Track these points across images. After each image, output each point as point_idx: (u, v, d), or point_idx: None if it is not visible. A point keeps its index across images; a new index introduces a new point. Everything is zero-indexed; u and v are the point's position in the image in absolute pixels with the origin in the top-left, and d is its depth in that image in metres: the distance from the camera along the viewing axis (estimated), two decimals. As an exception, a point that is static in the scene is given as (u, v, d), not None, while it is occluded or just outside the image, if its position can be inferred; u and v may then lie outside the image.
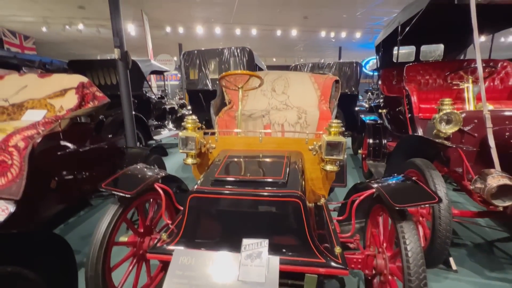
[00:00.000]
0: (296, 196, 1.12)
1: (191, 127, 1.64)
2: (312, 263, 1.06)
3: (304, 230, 1.11)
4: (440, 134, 2.11)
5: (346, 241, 1.71)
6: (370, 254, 1.49)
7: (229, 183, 1.21)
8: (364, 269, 1.50)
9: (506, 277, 2.00)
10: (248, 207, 1.13)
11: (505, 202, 1.51)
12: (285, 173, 1.27)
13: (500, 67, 3.01)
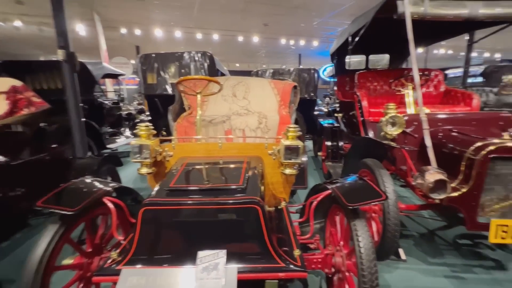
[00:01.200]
0: (255, 202, 1.11)
1: (145, 134, 1.54)
2: (272, 268, 1.05)
3: (263, 236, 1.10)
4: (387, 136, 2.30)
5: (307, 242, 1.76)
6: (329, 253, 1.55)
7: (185, 192, 1.16)
8: (324, 268, 1.56)
9: (445, 261, 2.25)
10: (205, 217, 1.09)
11: (440, 195, 1.70)
12: (244, 179, 1.26)
13: (434, 76, 3.42)
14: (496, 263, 2.21)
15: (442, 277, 2.05)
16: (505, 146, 1.66)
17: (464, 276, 2.06)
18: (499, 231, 1.68)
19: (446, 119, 2.37)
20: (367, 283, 1.15)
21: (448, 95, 3.27)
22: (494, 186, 1.73)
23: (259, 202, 1.12)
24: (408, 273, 2.11)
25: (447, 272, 2.11)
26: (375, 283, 1.16)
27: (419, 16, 2.17)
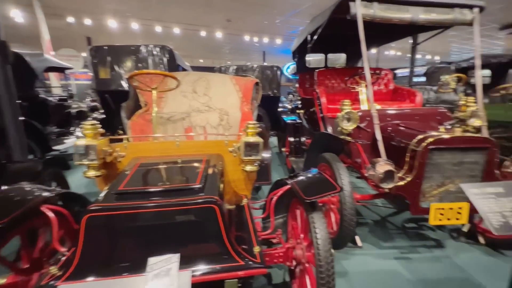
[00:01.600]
0: (212, 201, 1.08)
1: (91, 133, 1.40)
2: (230, 268, 1.04)
3: (221, 235, 1.08)
4: (343, 131, 2.43)
5: (269, 238, 1.78)
6: (290, 246, 1.59)
7: (136, 195, 1.08)
8: (286, 261, 1.59)
9: (395, 244, 2.46)
10: (158, 220, 1.03)
11: (389, 184, 1.85)
12: (202, 178, 1.21)
13: (384, 74, 3.71)
14: (436, 242, 2.48)
15: (392, 259, 2.25)
16: (441, 138, 1.85)
17: (410, 256, 2.28)
18: (437, 214, 1.88)
19: (394, 114, 2.58)
20: (324, 272, 1.20)
21: (396, 92, 3.57)
22: (433, 174, 1.93)
23: (217, 201, 1.09)
24: (363, 258, 2.26)
25: (397, 254, 2.31)
26: (331, 272, 1.21)
27: (369, 17, 2.31)
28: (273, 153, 6.13)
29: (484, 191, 1.52)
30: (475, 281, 1.98)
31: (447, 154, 1.90)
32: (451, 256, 2.27)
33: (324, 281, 1.20)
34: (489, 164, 1.91)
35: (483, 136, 1.87)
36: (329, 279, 1.20)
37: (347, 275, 2.05)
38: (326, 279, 1.20)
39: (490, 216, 1.41)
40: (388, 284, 1.96)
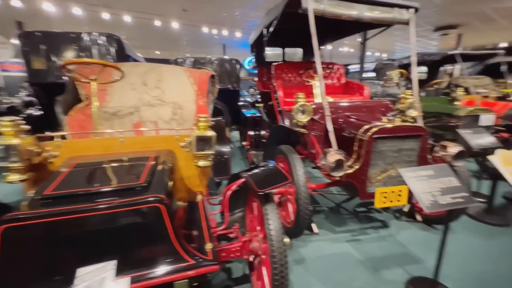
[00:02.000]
0: (157, 200, 1.01)
1: (11, 131, 1.21)
2: (179, 268, 0.99)
3: (168, 236, 1.02)
4: (298, 123, 2.50)
5: (226, 233, 1.76)
6: (247, 240, 1.59)
7: (65, 199, 0.95)
8: (243, 255, 1.58)
9: (348, 228, 2.64)
10: (92, 227, 0.93)
11: (339, 173, 1.96)
12: (147, 177, 1.13)
13: (336, 69, 3.91)
14: (382, 223, 2.73)
15: (345, 242, 2.41)
16: (384, 128, 2.01)
17: (360, 238, 2.47)
18: (381, 198, 2.05)
19: (345, 106, 2.73)
20: (277, 262, 1.22)
21: (348, 86, 3.80)
22: (377, 161, 2.09)
23: (163, 200, 1.02)
24: (319, 244, 2.38)
25: (349, 237, 2.48)
26: (284, 261, 1.24)
27: (320, 13, 2.39)
28: (235, 147, 6.11)
29: (418, 174, 1.69)
30: (412, 254, 2.22)
31: (389, 142, 2.07)
32: (394, 234, 2.51)
33: (277, 270, 1.22)
34: (422, 150, 2.13)
35: (418, 125, 2.07)
36: (282, 268, 1.23)
37: (304, 261, 2.14)
38: (279, 269, 1.22)
39: (422, 196, 1.58)
40: (341, 265, 2.09)
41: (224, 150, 3.10)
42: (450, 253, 2.21)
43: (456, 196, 1.60)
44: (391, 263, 2.12)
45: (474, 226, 2.65)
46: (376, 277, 1.96)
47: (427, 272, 1.98)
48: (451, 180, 1.67)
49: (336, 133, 2.42)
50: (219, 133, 3.30)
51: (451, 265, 2.07)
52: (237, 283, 1.91)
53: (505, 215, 2.82)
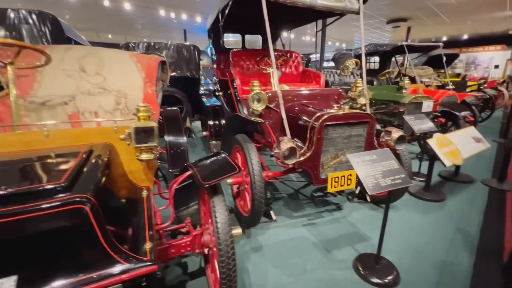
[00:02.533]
0: (81, 201, 0.90)
1: None
2: (108, 274, 0.90)
3: (97, 239, 0.92)
4: (254, 112, 2.46)
5: (177, 228, 1.69)
6: (197, 233, 1.54)
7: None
8: (194, 249, 1.54)
9: (304, 213, 2.74)
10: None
11: (292, 160, 1.99)
12: (71, 175, 1.00)
13: (294, 57, 3.93)
14: (336, 206, 2.88)
15: (301, 226, 2.49)
16: (333, 115, 2.07)
17: (316, 221, 2.58)
18: (333, 182, 2.14)
19: (300, 94, 2.76)
20: (224, 255, 1.20)
21: (305, 74, 3.86)
22: (328, 148, 2.17)
23: (88, 201, 0.91)
24: (277, 230, 2.43)
25: (305, 222, 2.57)
26: (231, 253, 1.22)
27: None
28: (197, 138, 5.93)
29: (363, 159, 1.78)
30: (361, 233, 2.38)
31: (339, 129, 2.15)
32: (346, 216, 2.67)
33: (224, 263, 1.19)
34: (369, 135, 2.26)
35: (365, 113, 2.18)
36: (229, 260, 1.20)
37: (261, 248, 2.17)
38: (226, 261, 1.20)
39: (366, 179, 1.67)
40: (297, 249, 2.16)
41: (181, 141, 2.97)
42: (392, 230, 2.43)
43: (395, 178, 1.72)
44: (342, 243, 2.25)
45: (414, 203, 2.94)
46: (328, 258, 2.07)
47: (373, 249, 2.14)
48: (391, 163, 1.80)
49: (291, 121, 2.45)
50: (175, 124, 3.16)
51: (393, 240, 2.27)
52: (193, 277, 1.86)
53: (440, 192, 3.16)
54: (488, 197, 3.11)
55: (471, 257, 2.08)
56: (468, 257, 2.08)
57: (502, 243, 2.25)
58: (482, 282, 1.82)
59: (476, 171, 3.86)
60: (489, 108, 7.23)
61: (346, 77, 6.17)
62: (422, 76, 7.67)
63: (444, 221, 2.59)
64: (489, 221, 2.58)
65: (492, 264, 2.00)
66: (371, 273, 1.87)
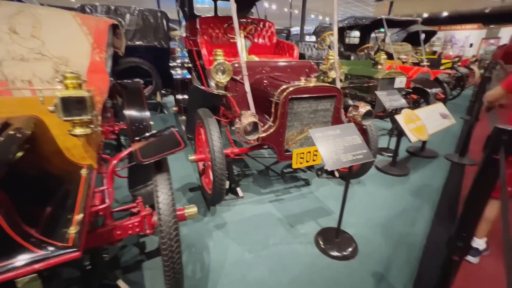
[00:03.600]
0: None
1: None
2: (11, 266, 0.78)
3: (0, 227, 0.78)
4: (219, 84, 2.29)
5: (128, 208, 1.58)
6: (147, 213, 1.43)
7: None
8: (144, 229, 1.44)
9: (273, 189, 2.71)
10: None
11: (254, 136, 1.89)
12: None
13: (268, 27, 3.68)
14: (304, 181, 2.88)
15: (268, 203, 2.47)
16: (298, 88, 1.96)
17: (283, 197, 2.57)
18: (298, 158, 2.09)
19: (268, 66, 2.60)
20: (165, 237, 1.11)
21: (279, 46, 3.65)
22: (294, 122, 2.08)
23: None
24: (243, 207, 2.39)
25: (273, 198, 2.55)
26: (174, 235, 1.13)
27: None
28: (169, 113, 5.65)
29: (326, 134, 1.71)
30: (326, 208, 2.41)
31: (305, 103, 2.05)
32: (314, 191, 2.68)
33: (166, 245, 1.11)
34: (336, 110, 2.19)
35: (332, 86, 2.08)
36: (171, 242, 1.12)
37: (225, 225, 2.13)
38: (168, 243, 1.11)
39: (326, 155, 1.61)
40: (261, 225, 2.15)
41: (143, 116, 2.76)
42: (356, 204, 2.47)
43: (356, 153, 1.68)
44: (306, 218, 2.26)
45: (380, 177, 3.01)
46: (291, 233, 2.08)
47: (336, 223, 2.16)
48: (354, 139, 1.75)
49: (259, 95, 2.31)
50: (136, 97, 2.91)
51: (355, 214, 2.31)
52: (150, 257, 1.80)
53: (405, 167, 3.25)
54: (449, 171, 3.25)
55: (427, 228, 2.17)
56: (424, 228, 2.17)
57: (456, 214, 2.37)
58: (432, 253, 1.91)
59: (442, 146, 4.01)
60: (460, 86, 7.45)
61: (324, 51, 6.00)
62: (400, 53, 7.65)
63: (406, 194, 2.68)
64: (448, 194, 2.70)
65: (444, 235, 2.10)
66: (331, 247, 1.89)
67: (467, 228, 1.08)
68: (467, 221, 1.08)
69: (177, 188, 2.67)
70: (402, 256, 1.87)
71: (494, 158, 0.96)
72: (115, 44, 2.48)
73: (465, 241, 1.08)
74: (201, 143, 2.45)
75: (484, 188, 1.01)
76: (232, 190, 2.58)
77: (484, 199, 1.03)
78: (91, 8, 4.33)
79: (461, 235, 1.10)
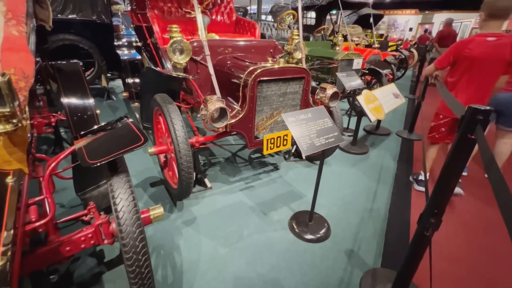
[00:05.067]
0: None
1: None
2: None
3: None
4: (177, 66, 2.03)
5: (77, 217, 1.32)
6: (103, 221, 1.21)
7: None
8: (101, 241, 1.22)
9: (242, 177, 2.62)
10: None
11: (223, 123, 1.73)
12: None
13: (226, 2, 3.39)
14: (273, 166, 2.84)
15: (238, 191, 2.37)
16: (268, 69, 1.83)
17: (253, 184, 2.50)
18: (269, 144, 2.00)
19: (231, 46, 2.40)
20: (129, 250, 0.94)
21: (239, 24, 3.42)
22: (263, 107, 1.97)
23: None
24: (212, 198, 2.26)
25: (243, 186, 2.46)
26: (139, 246, 0.96)
27: None
28: (119, 100, 5.04)
29: (298, 118, 1.64)
30: (297, 191, 2.41)
31: (274, 85, 1.94)
32: (283, 175, 2.66)
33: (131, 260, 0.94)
34: (305, 92, 2.13)
35: (301, 67, 2.00)
36: (138, 256, 0.95)
37: (195, 220, 1.99)
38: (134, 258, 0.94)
39: (301, 140, 1.54)
40: (233, 216, 2.05)
41: (86, 104, 2.36)
42: (323, 184, 2.52)
43: (329, 137, 1.66)
44: (278, 204, 2.23)
45: (343, 157, 3.13)
46: (265, 220, 2.03)
47: (308, 206, 2.19)
48: (325, 122, 1.71)
49: (222, 77, 2.13)
50: (76, 81, 2.46)
51: (324, 195, 2.36)
52: (111, 266, 1.58)
53: (364, 145, 3.44)
54: (400, 146, 3.54)
55: (387, 202, 2.33)
56: (385, 203, 2.33)
57: (410, 187, 2.59)
58: (394, 226, 2.05)
59: (393, 124, 4.34)
60: (403, 68, 8.13)
61: (283, 32, 5.90)
62: (352, 35, 7.97)
63: (367, 171, 2.84)
64: (401, 168, 2.94)
65: (402, 203, 2.29)
66: (305, 230, 1.90)
67: (439, 205, 1.12)
68: (440, 198, 1.12)
69: (137, 184, 2.40)
70: (369, 231, 1.97)
71: (467, 137, 0.98)
72: (39, 15, 2.00)
73: (437, 218, 1.13)
74: (161, 133, 2.20)
75: (457, 166, 1.05)
76: (199, 181, 2.42)
77: (456, 177, 1.07)
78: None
79: (432, 212, 1.15)
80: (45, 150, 2.87)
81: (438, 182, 1.11)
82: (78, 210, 1.96)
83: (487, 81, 1.98)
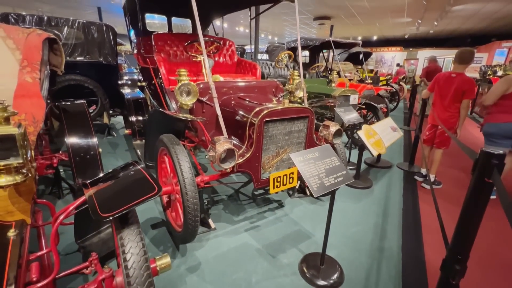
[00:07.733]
0: None
1: None
2: None
3: None
4: (183, 106, 2.08)
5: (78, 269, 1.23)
6: (107, 276, 1.12)
7: None
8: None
9: (246, 215, 2.53)
10: None
11: (231, 164, 1.72)
12: None
13: (228, 45, 3.61)
14: (277, 203, 2.78)
15: (244, 232, 2.28)
16: (274, 110, 1.88)
17: (259, 223, 2.41)
18: (275, 183, 1.97)
19: (236, 87, 2.49)
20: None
21: (240, 65, 3.60)
22: (270, 146, 1.98)
23: None
24: (217, 241, 2.15)
25: (247, 226, 2.37)
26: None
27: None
28: (119, 136, 5.07)
29: (306, 158, 1.64)
30: (304, 231, 2.32)
31: (280, 125, 1.97)
32: (288, 213, 2.58)
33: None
34: (309, 130, 2.17)
35: (305, 107, 2.06)
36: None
37: (200, 266, 1.87)
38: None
39: (310, 180, 1.53)
40: (239, 260, 1.94)
41: (90, 144, 2.36)
42: (331, 222, 2.45)
43: (337, 176, 1.64)
44: (287, 245, 2.13)
45: (347, 191, 3.09)
46: (274, 264, 1.92)
47: (317, 246, 2.10)
48: (333, 160, 1.72)
49: (227, 117, 2.17)
50: (80, 121, 2.48)
51: (333, 234, 2.27)
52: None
53: (367, 179, 3.42)
54: (403, 179, 3.52)
55: (398, 240, 2.25)
56: (396, 241, 2.24)
57: (419, 224, 2.52)
58: (410, 267, 1.95)
59: (392, 156, 4.38)
60: (395, 100, 8.46)
61: (280, 70, 6.21)
62: (344, 71, 8.42)
63: (373, 206, 2.78)
64: (407, 202, 2.89)
65: (414, 242, 2.20)
66: (316, 275, 1.79)
67: (462, 251, 1.08)
68: (462, 244, 1.08)
69: (137, 226, 2.29)
70: (384, 274, 1.87)
71: (484, 181, 0.98)
72: (52, 61, 2.09)
73: (462, 264, 1.08)
74: (165, 172, 2.17)
75: (476, 210, 1.03)
76: (202, 221, 2.32)
77: (476, 221, 1.04)
78: (17, 17, 3.68)
79: (455, 258, 1.10)
80: (42, 190, 2.79)
81: (459, 226, 1.08)
82: (74, 259, 1.84)
83: (446, 101, 3.07)
